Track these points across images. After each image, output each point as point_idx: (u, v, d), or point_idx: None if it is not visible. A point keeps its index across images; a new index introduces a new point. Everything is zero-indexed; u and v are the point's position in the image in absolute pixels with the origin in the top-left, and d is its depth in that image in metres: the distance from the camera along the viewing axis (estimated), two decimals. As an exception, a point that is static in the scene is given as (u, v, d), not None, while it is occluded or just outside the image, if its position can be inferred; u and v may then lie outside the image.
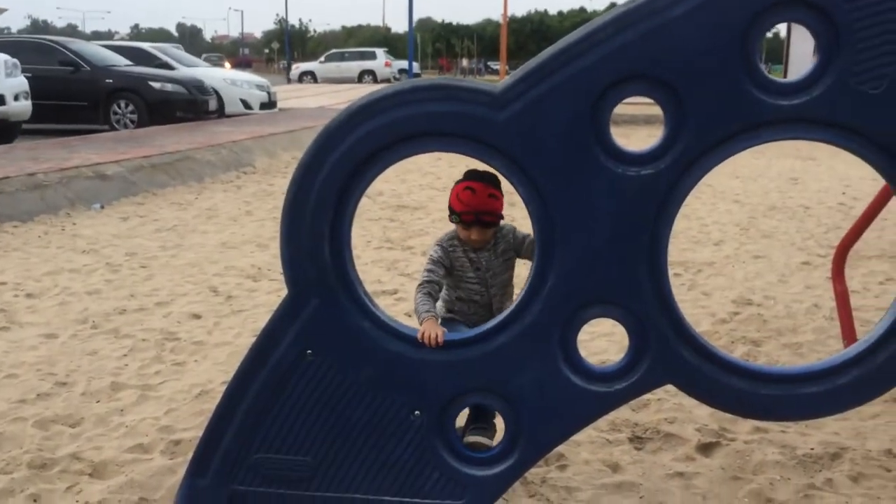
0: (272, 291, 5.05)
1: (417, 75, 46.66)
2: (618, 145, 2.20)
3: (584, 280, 2.25)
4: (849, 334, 3.72)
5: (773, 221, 7.45)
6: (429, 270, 2.68)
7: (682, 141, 2.15)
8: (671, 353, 2.25)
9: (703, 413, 3.27)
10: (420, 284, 2.64)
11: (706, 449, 3.05)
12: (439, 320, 2.50)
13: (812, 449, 3.03)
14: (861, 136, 2.12)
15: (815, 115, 2.12)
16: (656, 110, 2.27)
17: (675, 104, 2.14)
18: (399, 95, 2.25)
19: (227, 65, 40.32)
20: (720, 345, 4.09)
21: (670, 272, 5.54)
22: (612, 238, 2.21)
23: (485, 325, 2.38)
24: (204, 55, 55.84)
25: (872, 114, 2.08)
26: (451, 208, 2.65)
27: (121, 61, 16.37)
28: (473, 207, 2.58)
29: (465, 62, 74.04)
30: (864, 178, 9.53)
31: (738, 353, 3.98)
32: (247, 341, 4.00)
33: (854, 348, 2.21)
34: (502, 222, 2.68)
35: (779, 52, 36.25)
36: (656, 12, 2.11)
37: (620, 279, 2.24)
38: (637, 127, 15.79)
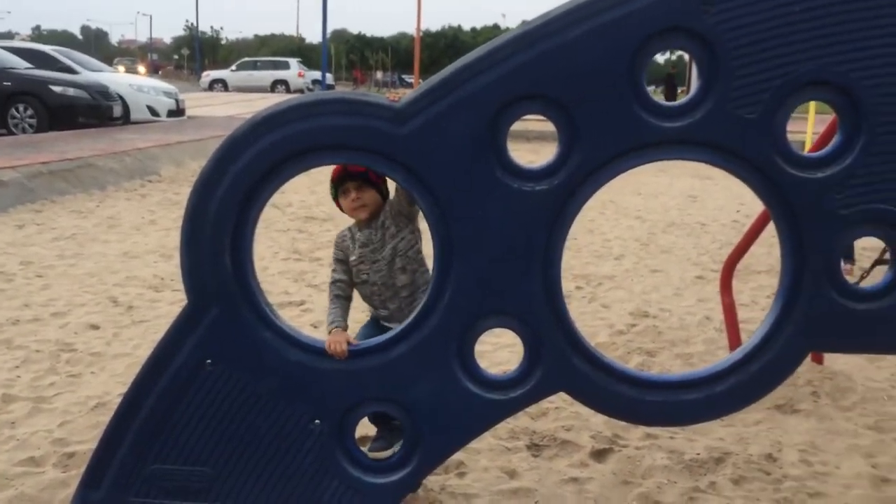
0: (175, 302, 4.97)
1: (331, 86, 46.47)
2: (514, 161, 2.29)
3: (480, 292, 2.32)
4: (735, 345, 3.92)
5: (672, 237, 7.74)
6: (333, 270, 2.78)
7: (575, 159, 2.25)
8: (564, 361, 2.35)
9: (598, 421, 3.39)
10: (329, 286, 2.75)
11: (600, 455, 3.17)
12: (347, 328, 2.56)
13: (698, 454, 3.18)
14: (739, 157, 2.26)
15: (697, 137, 2.25)
16: (552, 129, 2.37)
17: (567, 123, 2.24)
18: (303, 108, 2.29)
19: (142, 69, 39.19)
20: (617, 355, 4.24)
21: (573, 285, 5.73)
22: (508, 251, 2.29)
23: (384, 336, 2.43)
24: (116, 59, 54.27)
25: (749, 137, 2.23)
26: (331, 187, 2.77)
27: (20, 64, 15.76)
28: (342, 168, 2.67)
29: (379, 75, 74.08)
30: (757, 198, 9.98)
31: (633, 363, 4.13)
32: (146, 353, 3.89)
33: (730, 358, 2.35)
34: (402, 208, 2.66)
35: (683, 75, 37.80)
36: (552, 34, 2.21)
37: (516, 291, 2.32)
38: (546, 143, 16.13)
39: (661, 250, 7.11)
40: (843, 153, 2.23)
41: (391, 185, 2.65)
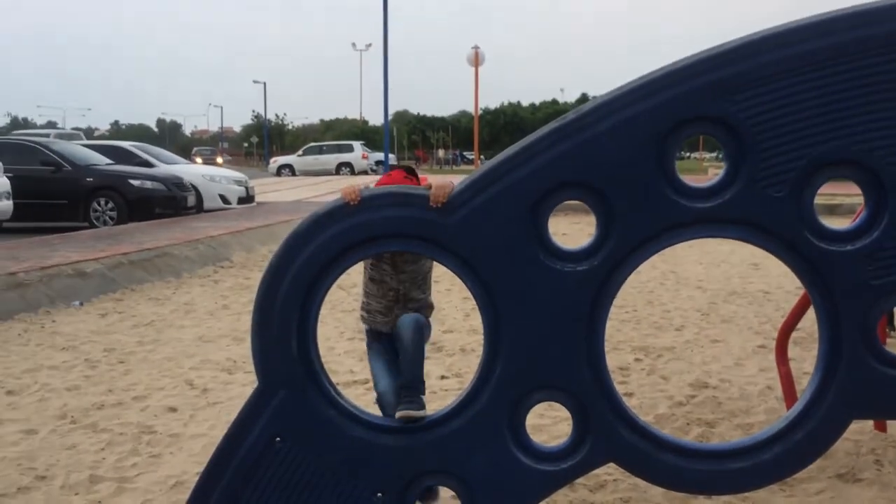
0: (247, 384, 5.20)
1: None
2: (556, 244, 2.46)
3: (528, 367, 2.47)
4: (794, 414, 3.92)
5: (733, 306, 7.72)
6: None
7: (612, 240, 2.41)
8: (611, 432, 2.46)
9: (656, 493, 3.43)
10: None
11: (658, 526, 3.21)
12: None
13: (758, 524, 3.20)
14: (770, 233, 2.39)
15: (728, 215, 2.39)
16: (589, 213, 2.53)
17: (604, 207, 2.41)
18: (361, 202, 2.51)
19: (220, 160, 40.81)
20: (676, 427, 4.28)
21: (632, 357, 5.78)
22: (553, 328, 2.44)
23: (441, 410, 2.59)
24: (195, 149, 56.87)
25: (777, 214, 2.36)
26: None
27: (102, 160, 16.72)
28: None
29: (441, 153, 75.45)
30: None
31: (692, 435, 4.16)
32: (221, 433, 4.11)
33: (774, 427, 2.43)
34: None
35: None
36: (585, 127, 2.40)
37: (562, 366, 2.46)
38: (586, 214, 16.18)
39: (722, 320, 7.10)
40: (870, 227, 2.34)
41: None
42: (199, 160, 33.31)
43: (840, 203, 15.56)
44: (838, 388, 2.38)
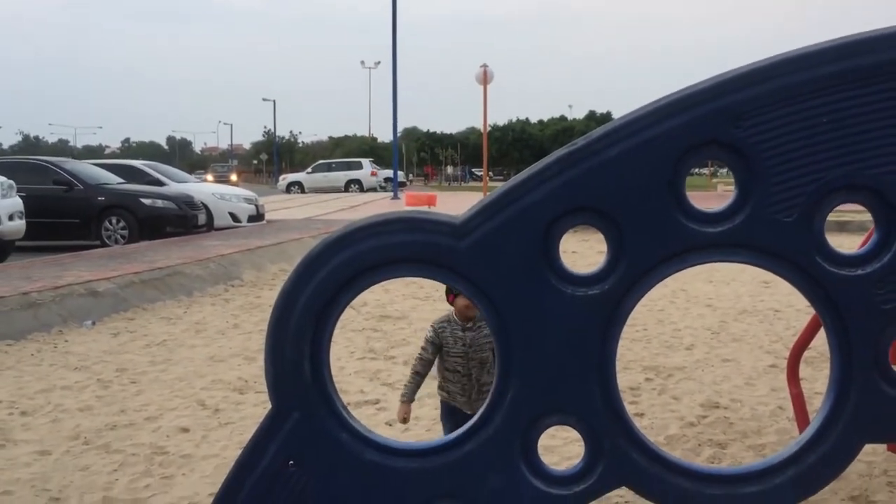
0: (258, 404, 5.22)
1: (403, 184, 47.59)
2: (567, 269, 2.47)
3: (540, 392, 2.47)
4: (806, 435, 3.91)
5: (744, 325, 7.71)
6: (422, 348, 3.39)
7: (623, 264, 2.42)
8: (623, 456, 2.46)
9: (668, 514, 3.42)
10: (416, 359, 3.40)
11: (670, 549, 3.20)
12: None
13: (770, 547, 3.18)
14: (780, 258, 2.40)
15: (738, 240, 2.40)
16: (600, 237, 2.55)
17: (615, 232, 2.42)
18: (371, 227, 2.53)
19: (234, 177, 41.09)
20: (687, 448, 4.28)
21: (643, 377, 5.78)
22: (565, 353, 2.45)
23: (453, 434, 2.59)
24: (211, 165, 57.31)
25: (788, 239, 2.36)
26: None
27: (113, 179, 16.85)
28: None
29: (449, 170, 75.66)
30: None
31: (704, 456, 4.16)
32: (233, 453, 4.15)
33: (787, 450, 2.43)
34: None
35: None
36: (596, 153, 2.42)
37: (573, 390, 2.46)
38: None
39: (733, 339, 7.09)
40: (880, 251, 2.34)
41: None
42: (209, 178, 33.37)
43: (850, 220, 15.53)
44: (850, 412, 2.38)
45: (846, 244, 9.35)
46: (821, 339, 5.90)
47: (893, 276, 2.33)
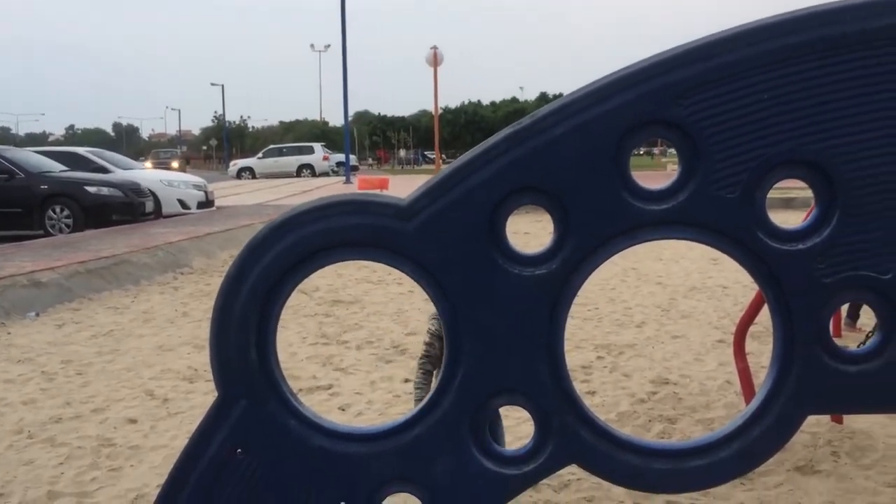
0: (208, 392, 5.14)
1: (355, 167, 47.28)
2: (513, 249, 2.46)
3: (489, 372, 2.47)
4: (752, 408, 3.99)
5: (693, 301, 7.83)
6: (427, 344, 3.13)
7: (570, 244, 2.42)
8: (572, 434, 2.47)
9: (619, 492, 3.47)
10: (420, 360, 3.10)
11: (621, 524, 3.24)
12: None
13: (718, 519, 3.24)
14: (723, 234, 2.41)
15: (683, 217, 2.41)
16: (546, 217, 2.54)
17: (560, 212, 2.42)
18: (315, 211, 2.49)
19: (175, 164, 39.87)
20: (638, 424, 4.33)
21: (594, 355, 5.83)
22: (513, 333, 2.45)
23: (403, 417, 2.58)
24: (153, 151, 56.09)
25: (731, 215, 2.38)
26: None
27: (56, 167, 16.44)
28: None
29: (402, 153, 75.39)
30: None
31: (654, 432, 4.22)
32: (183, 443, 4.06)
33: (732, 424, 2.46)
34: None
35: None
36: (541, 132, 2.40)
37: (522, 370, 2.46)
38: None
39: (682, 315, 7.20)
40: (821, 225, 2.38)
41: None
42: (148, 164, 32.42)
43: (795, 197, 15.85)
44: (793, 384, 2.42)
45: (791, 220, 9.54)
46: (767, 314, 6.03)
47: (834, 251, 2.36)
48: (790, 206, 14.89)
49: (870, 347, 2.43)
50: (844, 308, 6.36)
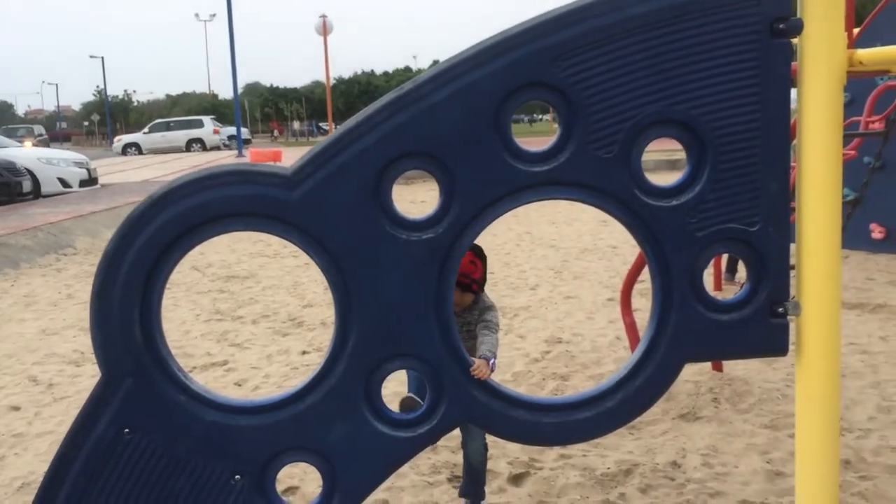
0: (96, 375, 4.94)
1: (248, 141, 46.23)
2: (400, 214, 2.47)
3: (381, 337, 2.49)
4: (639, 361, 4.16)
5: (584, 263, 8.06)
6: None
7: (455, 208, 2.45)
8: (464, 394, 2.52)
9: (514, 448, 3.57)
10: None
11: (517, 479, 3.34)
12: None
13: (608, 468, 3.39)
14: (602, 193, 2.49)
15: (563, 178, 2.47)
16: (432, 181, 2.56)
17: (445, 176, 2.44)
18: (197, 182, 2.43)
19: (28, 143, 37.06)
20: (532, 383, 4.45)
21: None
22: (403, 297, 2.47)
23: (296, 387, 2.57)
24: (3, 127, 52.99)
25: (608, 175, 2.46)
26: None
27: (-79, 147, 15.42)
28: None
29: (296, 125, 74.07)
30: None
31: (547, 389, 4.34)
32: (71, 428, 3.95)
33: (615, 376, 2.56)
34: (487, 300, 3.16)
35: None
36: (422, 97, 2.41)
37: (413, 334, 2.49)
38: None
39: (574, 276, 7.40)
40: (692, 182, 2.48)
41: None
42: (27, 143, 30.21)
43: (680, 158, 16.42)
44: (671, 334, 2.53)
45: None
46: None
47: (705, 205, 2.47)
48: (675, 168, 15.44)
49: (740, 296, 2.57)
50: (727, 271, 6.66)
